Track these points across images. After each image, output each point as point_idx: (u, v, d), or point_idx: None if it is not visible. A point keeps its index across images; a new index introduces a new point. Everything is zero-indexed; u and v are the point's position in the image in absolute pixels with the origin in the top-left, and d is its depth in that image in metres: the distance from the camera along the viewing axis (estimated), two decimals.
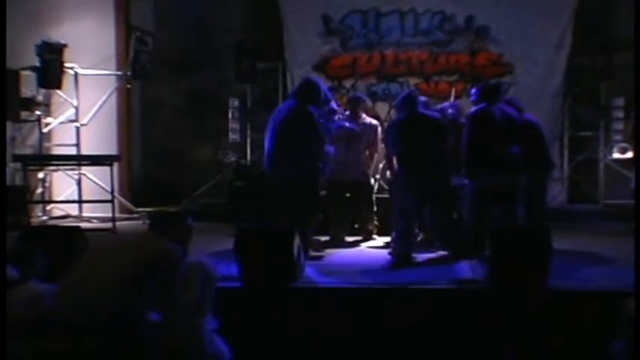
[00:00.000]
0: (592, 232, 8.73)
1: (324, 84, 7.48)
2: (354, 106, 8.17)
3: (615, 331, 4.51)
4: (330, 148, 7.35)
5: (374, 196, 8.25)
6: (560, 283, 5.71)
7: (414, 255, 7.05)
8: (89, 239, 6.04)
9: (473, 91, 7.36)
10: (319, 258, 7.06)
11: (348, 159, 7.94)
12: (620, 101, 10.25)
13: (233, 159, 10.57)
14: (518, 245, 5.60)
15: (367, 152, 8.20)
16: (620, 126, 10.30)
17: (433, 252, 7.21)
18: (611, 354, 4.54)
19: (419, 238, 7.57)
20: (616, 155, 10.22)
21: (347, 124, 7.90)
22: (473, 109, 6.98)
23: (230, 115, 10.81)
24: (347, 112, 8.19)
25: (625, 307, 4.41)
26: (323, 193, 7.91)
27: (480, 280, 5.83)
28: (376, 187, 8.49)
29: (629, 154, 10.09)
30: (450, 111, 7.70)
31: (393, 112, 8.60)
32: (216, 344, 4.61)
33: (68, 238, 5.72)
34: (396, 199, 7.16)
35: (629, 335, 4.35)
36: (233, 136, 10.87)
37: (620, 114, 10.27)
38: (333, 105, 7.70)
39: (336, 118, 7.81)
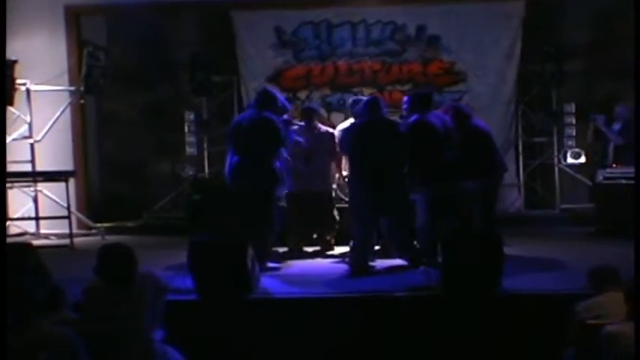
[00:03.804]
0: (549, 237, 8.85)
1: (280, 94, 7.53)
2: (308, 117, 8.16)
3: (567, 336, 4.59)
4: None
5: (335, 206, 8.21)
6: (513, 287, 5.81)
7: (372, 264, 7.10)
8: (43, 255, 6.01)
9: (405, 99, 7.42)
10: (277, 269, 7.06)
11: (310, 171, 7.93)
12: (571, 107, 10.40)
13: (191, 172, 10.53)
14: (469, 252, 5.68)
15: (330, 162, 8.18)
16: (572, 131, 10.44)
17: (390, 260, 7.26)
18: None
19: (376, 247, 7.63)
20: (570, 160, 10.34)
21: (302, 140, 7.80)
22: (410, 120, 7.04)
23: (186, 129, 10.81)
24: (302, 124, 8.19)
25: (575, 311, 4.48)
26: (283, 204, 7.92)
27: (434, 286, 5.89)
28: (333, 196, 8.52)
29: (583, 159, 10.25)
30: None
31: (349, 120, 8.60)
32: (170, 355, 4.62)
33: (19, 256, 5.64)
34: (353, 208, 7.18)
35: (580, 340, 4.42)
36: (190, 150, 10.86)
37: (572, 120, 10.42)
38: (286, 117, 7.72)
39: (293, 128, 7.81)
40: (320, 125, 8.25)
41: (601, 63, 10.56)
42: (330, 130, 8.25)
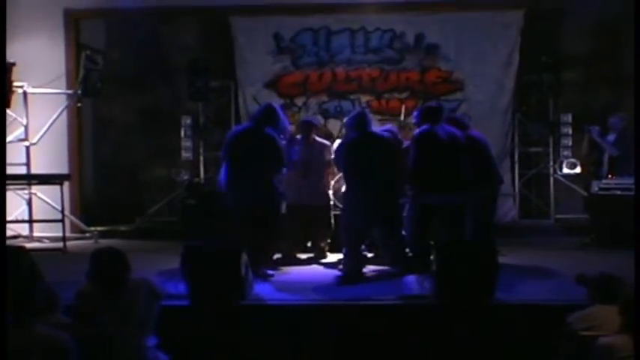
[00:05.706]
0: (543, 247, 8.83)
1: (283, 114, 7.49)
2: (306, 130, 8.17)
3: (559, 346, 4.57)
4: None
5: (332, 217, 8.20)
6: (506, 297, 5.80)
7: (365, 271, 7.11)
8: (36, 259, 5.99)
9: (415, 113, 7.51)
10: (270, 276, 7.05)
11: (307, 184, 7.94)
12: (567, 117, 10.39)
13: (186, 177, 10.51)
14: (464, 260, 5.68)
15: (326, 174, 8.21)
16: (568, 142, 10.43)
17: (383, 268, 7.26)
18: None
19: (370, 255, 7.63)
20: (566, 170, 10.33)
21: (299, 155, 7.80)
22: (417, 130, 7.08)
23: (183, 134, 10.78)
24: (298, 137, 8.19)
25: (567, 322, 4.47)
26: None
27: (428, 295, 5.89)
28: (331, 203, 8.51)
29: (578, 170, 10.24)
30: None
31: (345, 130, 8.61)
32: None
33: (13, 259, 5.62)
34: (346, 217, 7.22)
35: (572, 351, 4.41)
36: (186, 155, 10.82)
37: (569, 130, 10.41)
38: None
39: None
40: (317, 138, 8.26)
41: (599, 74, 10.56)
42: (326, 142, 8.27)
